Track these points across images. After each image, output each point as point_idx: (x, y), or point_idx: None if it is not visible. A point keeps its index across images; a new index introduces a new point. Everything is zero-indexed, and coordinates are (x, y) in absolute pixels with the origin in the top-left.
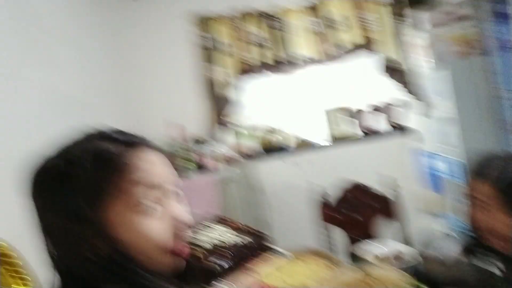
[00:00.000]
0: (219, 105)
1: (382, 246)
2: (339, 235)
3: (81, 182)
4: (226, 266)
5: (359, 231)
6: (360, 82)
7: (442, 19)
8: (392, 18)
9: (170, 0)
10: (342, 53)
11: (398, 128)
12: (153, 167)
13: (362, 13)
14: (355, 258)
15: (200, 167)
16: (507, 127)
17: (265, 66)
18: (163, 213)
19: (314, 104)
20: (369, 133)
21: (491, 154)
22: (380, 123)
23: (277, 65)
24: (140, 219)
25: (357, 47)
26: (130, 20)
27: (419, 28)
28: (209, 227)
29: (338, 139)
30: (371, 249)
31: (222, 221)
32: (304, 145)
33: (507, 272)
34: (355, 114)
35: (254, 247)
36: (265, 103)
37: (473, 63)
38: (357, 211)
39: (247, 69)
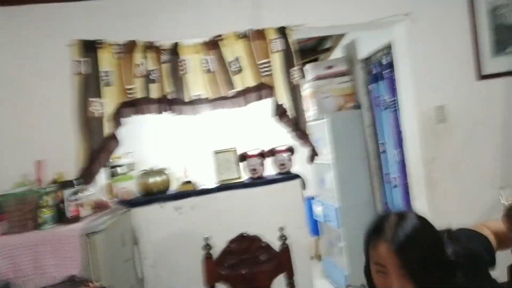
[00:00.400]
0: (95, 142)
1: None
2: None
3: None
4: None
5: (246, 287)
6: (251, 125)
7: (325, 73)
8: (285, 65)
9: (50, 18)
10: (235, 94)
11: (286, 174)
12: None
13: (257, 56)
14: None
15: (64, 215)
16: (382, 176)
17: (151, 102)
18: None
19: (202, 145)
20: (258, 178)
21: (385, 213)
22: (269, 168)
23: (166, 102)
24: None
25: (250, 90)
26: None
27: (307, 78)
28: None
29: (225, 184)
30: None
31: (77, 284)
32: (189, 189)
33: None
34: (244, 158)
35: None
36: (149, 142)
37: (350, 115)
38: (243, 265)
39: (131, 104)
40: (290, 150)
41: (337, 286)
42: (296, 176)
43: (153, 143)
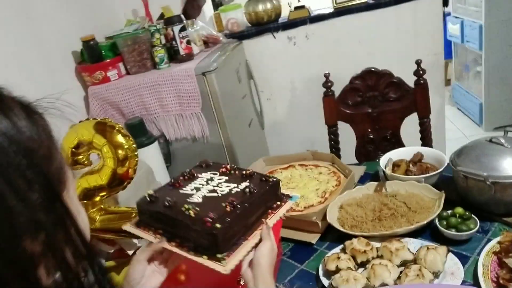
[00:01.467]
0: None
1: (401, 149)
2: (349, 133)
3: None
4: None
5: (371, 128)
6: None
7: None
8: None
9: None
10: None
11: None
12: None
13: None
14: (367, 163)
15: (176, 53)
16: None
17: None
18: None
19: None
20: None
21: None
22: None
23: None
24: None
25: None
26: None
27: None
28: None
29: (344, 6)
30: (387, 153)
31: (208, 166)
32: (303, 16)
33: None
34: None
35: (259, 195)
36: None
37: None
38: (369, 103)
39: None
40: None
41: (468, 114)
42: None
43: None
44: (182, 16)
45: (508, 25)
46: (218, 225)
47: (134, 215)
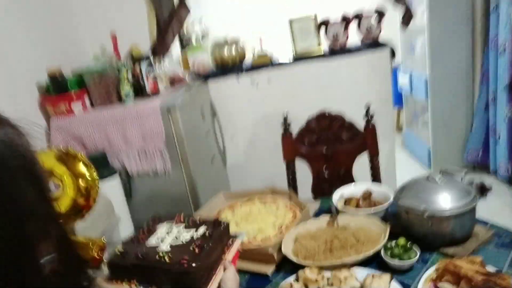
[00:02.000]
0: (164, 10)
1: (351, 185)
2: (304, 171)
3: None
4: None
5: (326, 166)
6: None
7: None
8: None
9: None
10: None
11: (373, 42)
12: None
13: None
14: (321, 198)
15: (142, 90)
16: (488, 41)
17: None
18: None
19: (276, 13)
20: (340, 48)
21: None
22: (352, 36)
23: None
24: None
25: None
26: None
27: None
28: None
29: (303, 55)
30: (338, 189)
31: (161, 219)
32: (265, 62)
33: None
34: (324, 26)
35: (217, 237)
36: (220, 10)
37: None
38: (324, 143)
39: None
40: (379, 13)
41: (418, 159)
42: (383, 45)
43: (225, 10)
44: (150, 53)
45: (451, 76)
46: (193, 265)
47: (91, 245)
